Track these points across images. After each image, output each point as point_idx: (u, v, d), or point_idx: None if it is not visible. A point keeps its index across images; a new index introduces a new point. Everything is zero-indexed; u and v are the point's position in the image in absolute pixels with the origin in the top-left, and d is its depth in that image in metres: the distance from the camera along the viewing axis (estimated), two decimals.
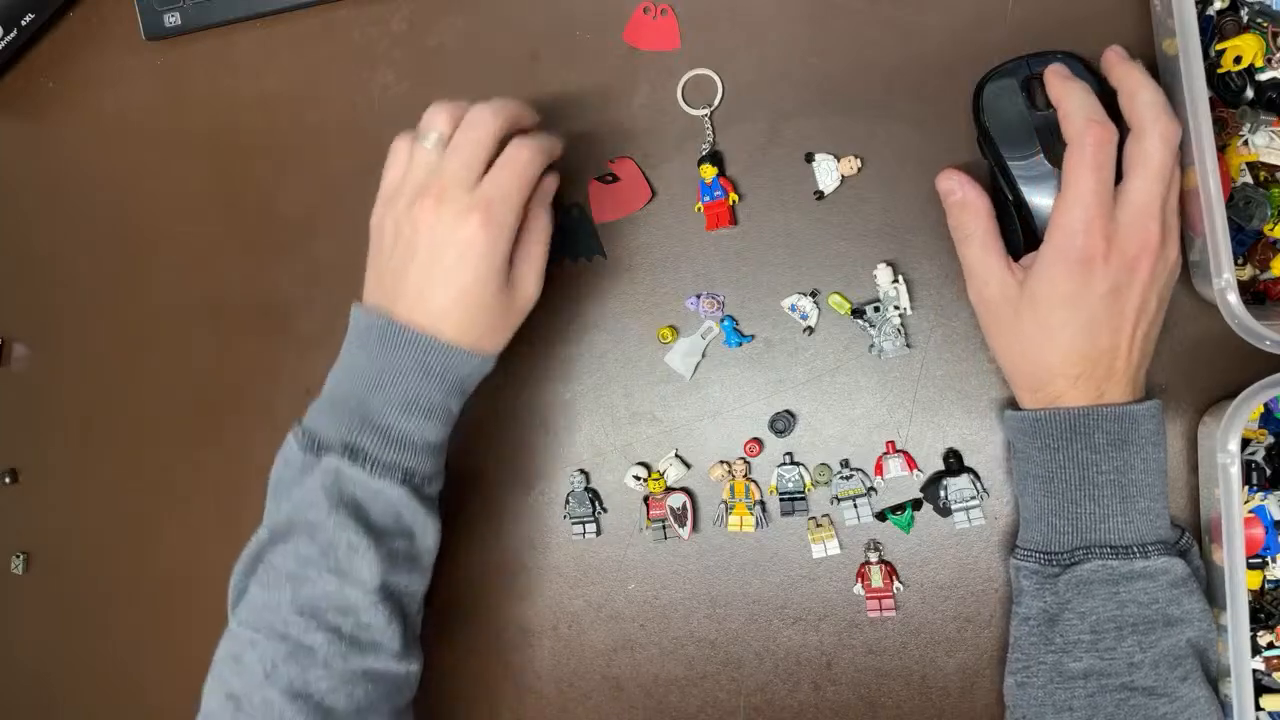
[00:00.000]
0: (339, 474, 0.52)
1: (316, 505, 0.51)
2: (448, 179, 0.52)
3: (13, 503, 0.76)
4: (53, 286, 0.75)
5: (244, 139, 0.70)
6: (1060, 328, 0.49)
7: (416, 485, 0.53)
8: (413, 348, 0.51)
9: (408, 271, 0.52)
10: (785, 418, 0.60)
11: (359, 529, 0.51)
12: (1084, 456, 0.50)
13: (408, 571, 0.54)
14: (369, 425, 0.52)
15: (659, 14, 0.62)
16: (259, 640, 0.52)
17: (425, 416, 0.53)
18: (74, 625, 0.75)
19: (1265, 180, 0.53)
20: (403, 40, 0.67)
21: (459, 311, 0.51)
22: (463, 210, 0.50)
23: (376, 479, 0.51)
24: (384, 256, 0.54)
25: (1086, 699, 0.49)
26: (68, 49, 0.74)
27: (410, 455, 0.53)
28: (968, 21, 0.58)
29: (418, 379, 0.52)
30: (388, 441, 0.52)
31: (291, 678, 0.50)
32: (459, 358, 0.52)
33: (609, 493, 0.63)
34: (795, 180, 0.60)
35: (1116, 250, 0.48)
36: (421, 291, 0.52)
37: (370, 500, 0.52)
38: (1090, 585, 0.49)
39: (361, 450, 0.52)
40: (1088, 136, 0.48)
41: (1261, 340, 0.47)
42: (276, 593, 0.52)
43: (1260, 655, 0.53)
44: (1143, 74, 0.49)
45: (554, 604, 0.64)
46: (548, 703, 0.65)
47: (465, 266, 0.51)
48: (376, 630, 0.52)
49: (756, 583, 0.61)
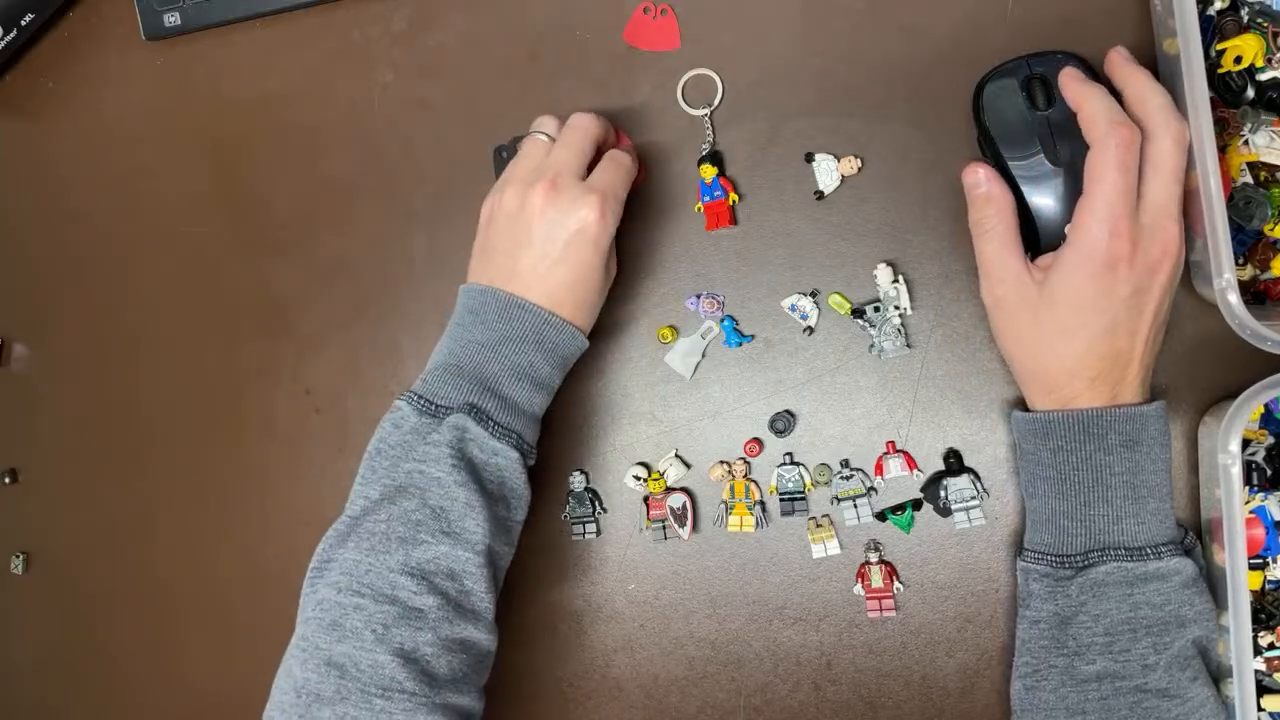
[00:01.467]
0: (465, 431, 0.53)
1: (439, 461, 0.52)
2: (560, 167, 0.55)
3: (13, 503, 0.76)
4: (53, 286, 0.75)
5: (244, 139, 0.70)
6: (1080, 330, 0.49)
7: (524, 452, 0.55)
8: (532, 320, 0.54)
9: (523, 252, 0.54)
10: (785, 418, 0.60)
11: (475, 489, 0.52)
12: (1097, 458, 0.49)
13: (504, 541, 0.55)
14: (489, 390, 0.54)
15: (659, 14, 0.62)
16: (365, 604, 0.50)
17: (535, 387, 0.55)
18: (74, 625, 0.75)
19: (1265, 180, 0.53)
20: (403, 40, 0.67)
21: (574, 292, 0.54)
22: (579, 195, 0.53)
23: (496, 440, 0.53)
24: (495, 239, 0.56)
25: (1100, 702, 0.49)
26: (68, 49, 0.74)
27: (523, 423, 0.55)
28: (968, 21, 0.58)
29: (533, 350, 0.54)
30: (505, 406, 0.54)
31: (403, 640, 0.49)
32: (569, 333, 0.55)
33: (609, 493, 0.63)
34: (795, 180, 0.60)
35: (1141, 252, 0.47)
36: (537, 270, 0.54)
37: (485, 462, 0.53)
38: (1105, 587, 0.49)
39: (485, 411, 0.53)
40: (1113, 138, 0.47)
41: (1262, 340, 0.47)
42: (384, 556, 0.51)
43: (1261, 656, 0.52)
44: (1150, 77, 0.49)
45: (554, 604, 0.64)
46: (548, 703, 0.65)
47: (583, 248, 0.53)
48: (477, 597, 0.52)
49: (756, 583, 0.61)
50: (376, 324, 0.68)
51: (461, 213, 0.66)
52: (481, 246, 0.57)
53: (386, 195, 0.67)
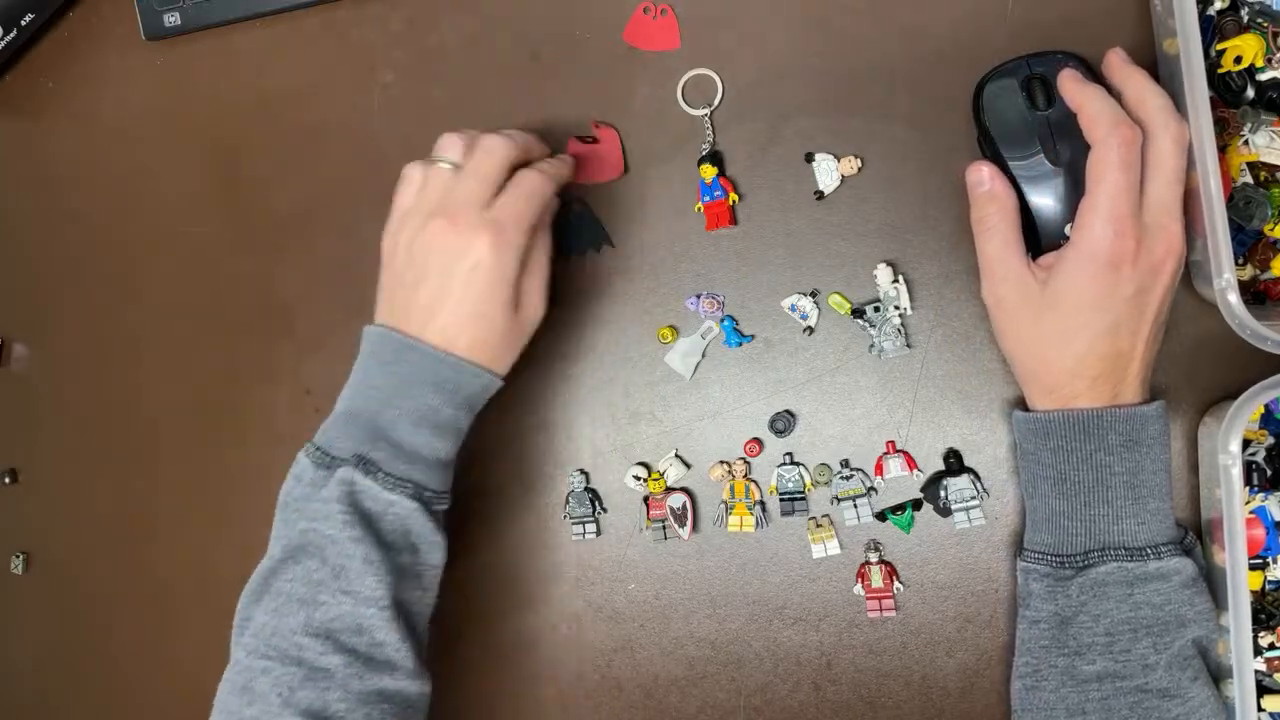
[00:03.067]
0: (353, 485, 0.52)
1: (330, 518, 0.51)
2: (460, 200, 0.53)
3: (13, 503, 0.76)
4: (53, 286, 0.75)
5: (244, 139, 0.70)
6: (1081, 329, 0.49)
7: (426, 500, 0.54)
8: (427, 363, 0.52)
9: (420, 290, 0.53)
10: (785, 418, 0.60)
11: (372, 542, 0.51)
12: (1097, 458, 0.49)
13: (416, 588, 0.54)
14: (382, 438, 0.53)
15: (659, 14, 0.62)
16: (272, 666, 0.51)
17: (436, 432, 0.53)
18: (73, 625, 0.75)
19: (1265, 180, 0.53)
20: (403, 40, 0.67)
21: (471, 329, 0.52)
22: (474, 229, 0.51)
23: (388, 491, 0.52)
24: (396, 276, 0.55)
25: (1100, 701, 0.49)
26: (68, 49, 0.74)
27: (421, 470, 0.53)
28: (968, 21, 0.58)
29: (430, 394, 0.52)
30: (400, 455, 0.53)
31: (310, 700, 0.50)
32: (470, 374, 0.53)
33: (609, 493, 0.63)
34: (795, 180, 0.60)
35: (1145, 252, 0.47)
36: (434, 309, 0.52)
37: (381, 513, 0.52)
38: (1105, 587, 0.49)
39: (375, 462, 0.52)
40: (1114, 137, 0.47)
41: (1262, 340, 0.47)
42: (288, 618, 0.51)
43: (1261, 656, 0.52)
44: (1148, 78, 0.49)
45: (554, 604, 0.64)
46: (548, 703, 0.65)
47: (477, 285, 0.51)
48: (390, 648, 0.52)
49: (756, 583, 0.61)
50: None
51: None
52: (384, 281, 0.56)
53: (386, 195, 0.67)
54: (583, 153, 0.63)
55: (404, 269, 0.54)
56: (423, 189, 0.55)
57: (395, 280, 0.55)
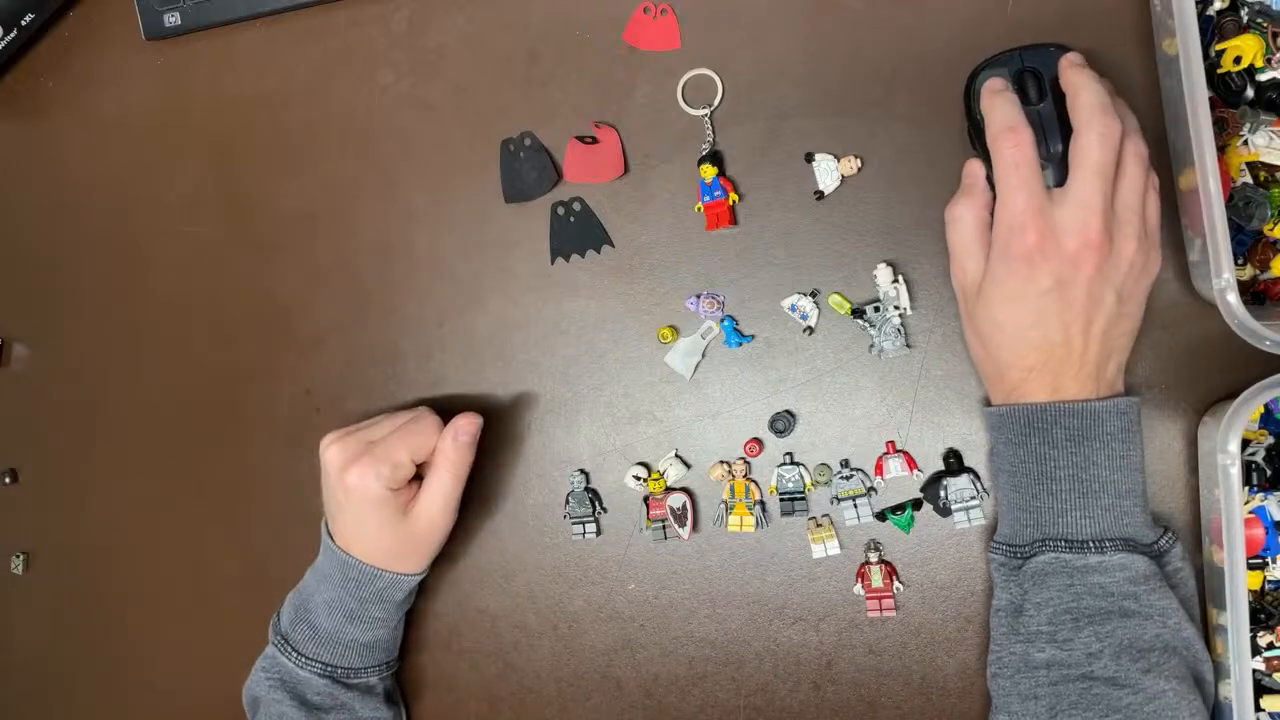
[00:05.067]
0: (275, 659, 0.62)
1: (260, 683, 0.62)
2: (380, 450, 0.59)
3: (13, 503, 0.76)
4: (53, 286, 0.75)
5: (244, 139, 0.70)
6: (1007, 321, 0.51)
7: (338, 677, 0.61)
8: (335, 561, 0.61)
9: (330, 504, 0.62)
10: (785, 418, 0.60)
11: (292, 703, 0.61)
12: (1042, 451, 0.51)
13: None
14: (303, 621, 0.62)
15: (659, 14, 0.62)
16: None
17: (347, 619, 0.61)
18: (74, 625, 0.75)
19: (1265, 180, 0.53)
20: (403, 40, 0.67)
21: (361, 539, 0.60)
22: (356, 456, 0.59)
23: (299, 669, 0.61)
24: (325, 488, 0.62)
25: (1050, 688, 0.50)
26: (68, 49, 0.74)
27: (333, 651, 0.61)
28: (967, 21, 0.58)
29: (339, 588, 0.61)
30: (315, 636, 0.61)
31: None
32: (370, 573, 0.60)
33: (609, 493, 0.63)
34: (795, 180, 0.60)
35: (1053, 245, 0.48)
36: (334, 519, 0.61)
37: (301, 684, 0.61)
38: (1045, 577, 0.50)
39: (292, 642, 0.62)
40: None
41: (1261, 340, 0.47)
42: None
43: (1260, 656, 0.53)
44: (1088, 76, 0.50)
45: (554, 604, 0.64)
46: (548, 703, 0.65)
47: (351, 504, 0.59)
48: None
49: (756, 583, 0.61)
50: (376, 324, 0.68)
51: (462, 213, 0.66)
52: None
53: (386, 195, 0.67)
54: (581, 153, 0.63)
55: (329, 484, 0.61)
56: (364, 427, 0.63)
57: (325, 489, 0.62)
